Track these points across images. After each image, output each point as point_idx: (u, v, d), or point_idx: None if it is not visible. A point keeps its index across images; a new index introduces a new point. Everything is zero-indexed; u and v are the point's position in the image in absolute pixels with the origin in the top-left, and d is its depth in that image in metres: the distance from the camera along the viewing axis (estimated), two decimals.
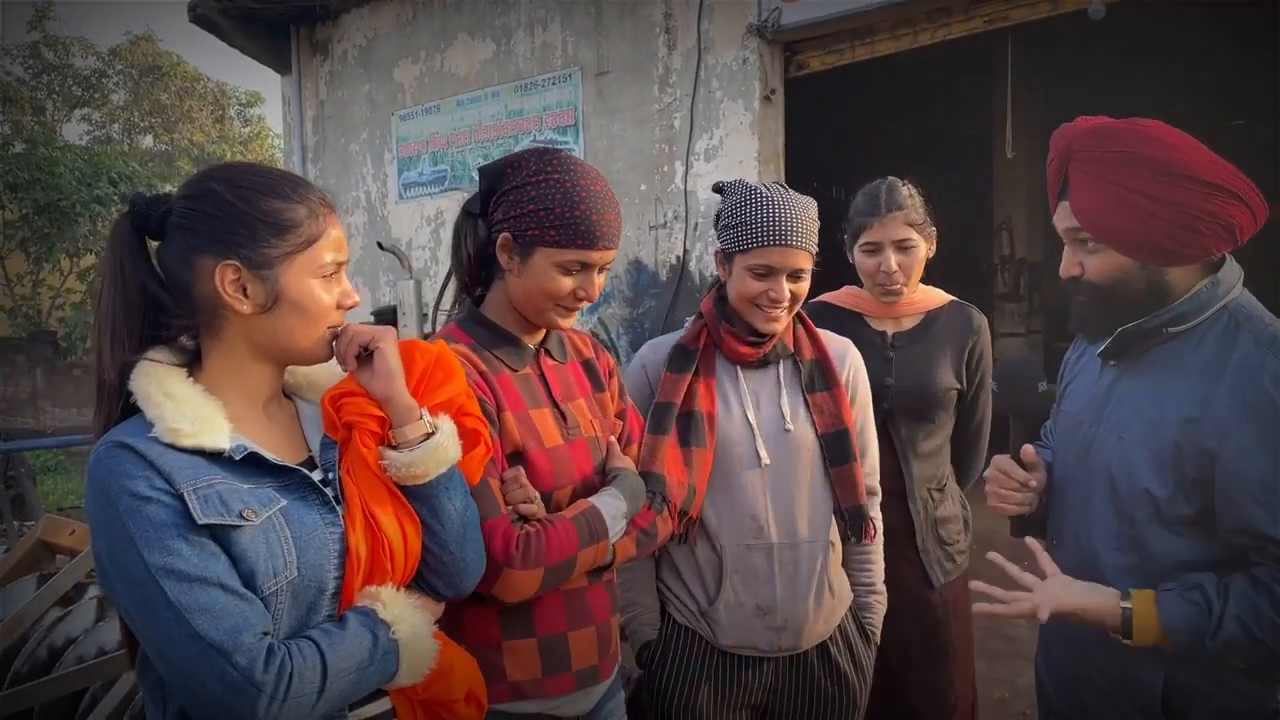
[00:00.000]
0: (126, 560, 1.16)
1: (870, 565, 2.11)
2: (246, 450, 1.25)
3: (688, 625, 1.98)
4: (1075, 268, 1.61)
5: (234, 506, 1.21)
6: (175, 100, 24.91)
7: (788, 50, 5.93)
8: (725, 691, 1.96)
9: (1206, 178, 1.47)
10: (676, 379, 1.96)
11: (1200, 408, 1.48)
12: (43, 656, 2.72)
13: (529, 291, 1.65)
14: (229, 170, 1.33)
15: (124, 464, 1.18)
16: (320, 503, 1.31)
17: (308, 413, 1.43)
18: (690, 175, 6.14)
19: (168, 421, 1.21)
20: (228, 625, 1.15)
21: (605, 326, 6.59)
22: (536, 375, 1.72)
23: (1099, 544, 1.60)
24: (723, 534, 1.94)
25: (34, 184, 14.10)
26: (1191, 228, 1.48)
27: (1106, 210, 1.52)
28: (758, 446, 1.95)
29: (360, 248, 8.17)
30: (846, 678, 2.01)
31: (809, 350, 2.04)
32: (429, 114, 7.60)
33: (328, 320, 1.34)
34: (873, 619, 2.10)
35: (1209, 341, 1.52)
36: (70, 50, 23.24)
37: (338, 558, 1.29)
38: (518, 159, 1.67)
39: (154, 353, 1.28)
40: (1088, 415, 1.68)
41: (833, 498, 1.99)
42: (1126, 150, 1.50)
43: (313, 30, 8.40)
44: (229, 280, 1.26)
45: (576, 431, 1.70)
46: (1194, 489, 1.48)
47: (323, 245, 1.32)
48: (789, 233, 1.87)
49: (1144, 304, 1.56)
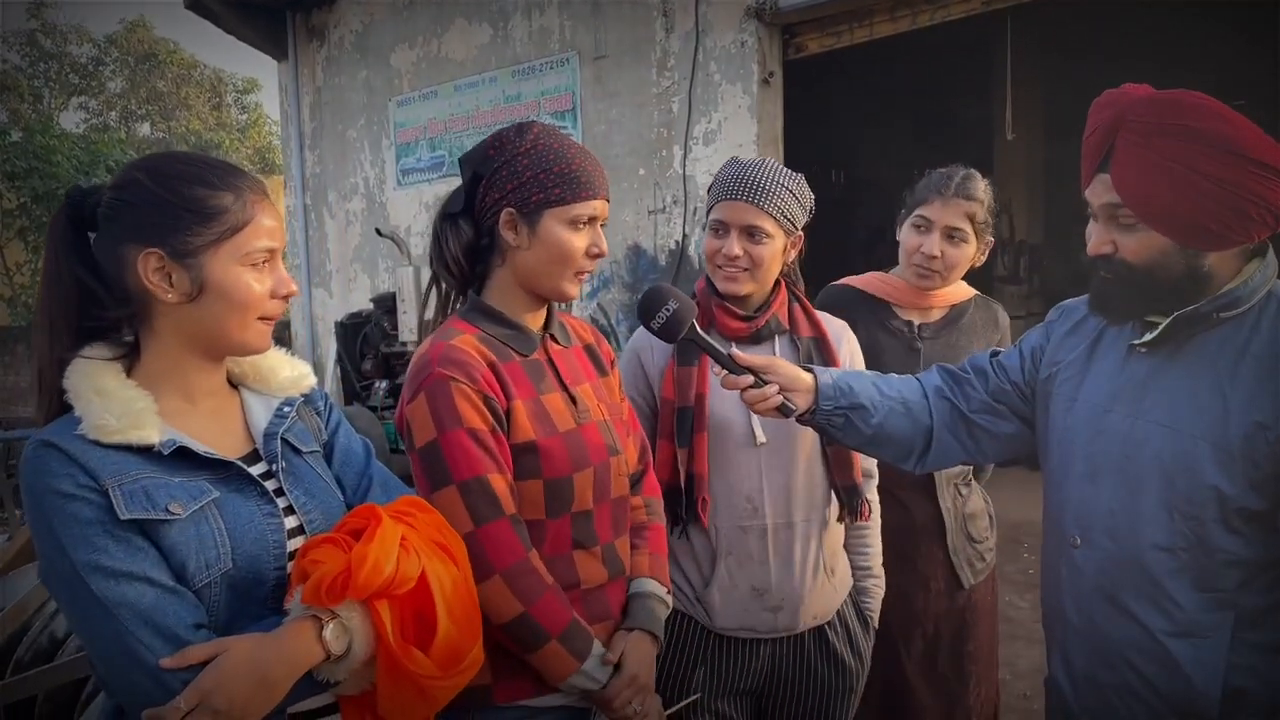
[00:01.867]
0: (55, 558, 1.16)
1: (867, 549, 2.10)
2: (176, 444, 1.24)
3: (682, 610, 1.97)
4: (1107, 245, 1.49)
5: (160, 501, 1.20)
6: (172, 88, 24.82)
7: (786, 33, 5.90)
8: (722, 677, 1.95)
9: (1263, 159, 1.37)
10: (688, 373, 1.94)
11: (1270, 395, 1.39)
12: (45, 644, 2.73)
13: (542, 260, 1.63)
14: (155, 159, 1.32)
15: (49, 462, 1.18)
16: (258, 494, 1.30)
17: (253, 403, 1.42)
18: (689, 159, 6.12)
19: (93, 418, 1.21)
20: (155, 619, 1.15)
21: (604, 311, 6.59)
22: (545, 360, 1.71)
23: (1145, 542, 1.48)
24: (718, 515, 1.92)
25: (32, 173, 14.09)
26: (1243, 211, 1.38)
27: (1156, 187, 1.40)
28: (753, 426, 1.94)
29: (359, 234, 8.16)
30: (843, 662, 2.00)
31: (806, 329, 2.03)
32: (426, 99, 7.57)
33: (259, 309, 1.32)
34: (871, 604, 2.10)
35: (1264, 325, 1.44)
36: (67, 38, 23.19)
37: (277, 549, 1.29)
38: (497, 138, 1.66)
39: (90, 349, 1.28)
40: (1118, 406, 1.55)
41: (829, 477, 1.99)
42: (1188, 124, 1.39)
43: (309, 16, 8.36)
44: (152, 269, 1.25)
45: (587, 415, 1.69)
46: (1266, 483, 1.39)
47: (250, 233, 1.29)
48: (740, 187, 1.90)
49: (1179, 289, 1.46)
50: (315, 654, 1.21)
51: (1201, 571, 1.44)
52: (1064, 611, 1.62)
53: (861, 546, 2.10)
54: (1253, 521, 1.41)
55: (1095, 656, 1.58)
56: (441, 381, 1.54)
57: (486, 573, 1.49)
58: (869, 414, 1.77)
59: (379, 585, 1.22)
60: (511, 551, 1.52)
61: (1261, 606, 1.43)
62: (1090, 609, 1.56)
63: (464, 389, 1.54)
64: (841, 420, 1.77)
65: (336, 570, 1.21)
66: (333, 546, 1.26)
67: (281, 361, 1.46)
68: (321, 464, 1.45)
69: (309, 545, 1.28)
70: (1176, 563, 1.45)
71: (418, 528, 1.32)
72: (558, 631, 1.54)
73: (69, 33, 23.19)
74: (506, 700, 1.59)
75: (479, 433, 1.54)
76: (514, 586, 1.51)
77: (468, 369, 1.56)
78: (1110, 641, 1.53)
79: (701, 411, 1.92)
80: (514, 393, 1.60)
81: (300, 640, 1.20)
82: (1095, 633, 1.55)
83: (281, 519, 1.31)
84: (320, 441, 1.48)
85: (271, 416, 1.41)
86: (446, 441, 1.52)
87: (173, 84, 24.82)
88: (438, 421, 1.53)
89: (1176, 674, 1.46)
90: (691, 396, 1.92)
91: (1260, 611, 1.43)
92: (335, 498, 1.42)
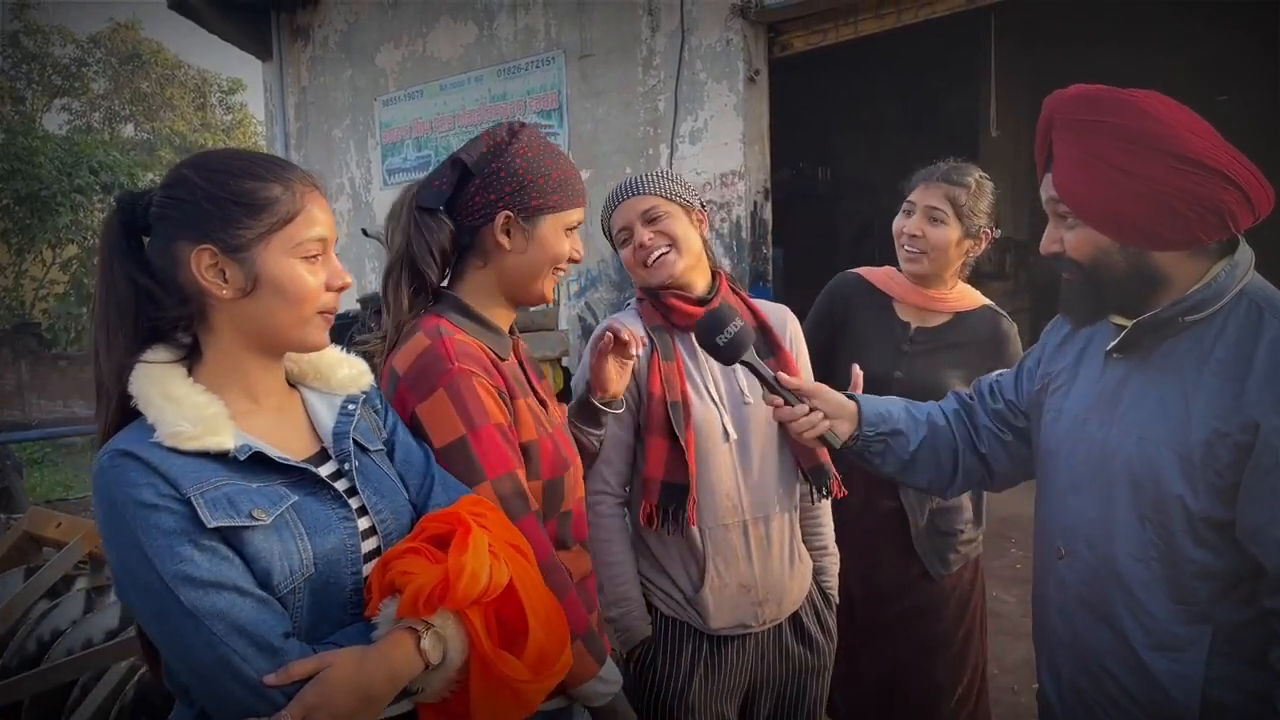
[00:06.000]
0: (139, 570, 1.14)
1: (821, 527, 2.13)
2: (252, 450, 1.22)
3: (674, 616, 1.96)
4: (1055, 244, 1.51)
5: (243, 507, 1.18)
6: (156, 88, 24.68)
7: (771, 31, 5.91)
8: (716, 678, 1.96)
9: (1185, 153, 1.34)
10: (671, 368, 1.94)
11: (1232, 401, 1.35)
12: (31, 649, 2.71)
13: (535, 264, 1.63)
14: (203, 156, 1.30)
15: (128, 472, 1.15)
16: (332, 497, 1.28)
17: (315, 402, 1.39)
18: (675, 158, 6.12)
19: (169, 425, 1.18)
20: (248, 629, 1.13)
21: (592, 311, 6.58)
22: (517, 363, 1.71)
23: (1120, 553, 1.47)
24: (702, 515, 1.92)
25: (14, 174, 14.01)
26: (1170, 208, 1.35)
27: (1082, 183, 1.42)
28: (725, 422, 1.94)
29: (345, 235, 8.13)
30: (816, 641, 2.04)
31: (749, 320, 2.02)
32: (412, 99, 7.55)
33: (315, 302, 1.29)
34: (829, 580, 2.12)
35: (1231, 329, 1.40)
36: (50, 39, 23.01)
37: (354, 552, 1.27)
38: (491, 137, 1.64)
39: (151, 353, 1.25)
40: (1095, 415, 1.54)
41: (794, 462, 2.00)
42: (1101, 118, 1.40)
43: (293, 16, 8.33)
44: (205, 265, 1.23)
45: (553, 418, 1.71)
46: (1228, 492, 1.36)
47: (301, 223, 1.27)
48: (620, 193, 1.97)
49: (1129, 288, 1.45)
50: (415, 666, 1.20)
51: (1173, 583, 1.42)
52: (1051, 622, 1.62)
53: (816, 526, 2.12)
54: (1221, 532, 1.38)
55: (1079, 667, 1.57)
56: (464, 376, 1.50)
57: None
58: (906, 440, 1.76)
59: (475, 595, 1.22)
60: (541, 547, 1.50)
61: (1241, 621, 1.39)
62: (1074, 619, 1.56)
63: (486, 384, 1.52)
64: (881, 447, 1.76)
65: (434, 582, 1.20)
66: (418, 556, 1.25)
67: (339, 359, 1.43)
68: (386, 462, 1.42)
69: (392, 555, 1.26)
70: (1150, 573, 1.44)
71: (491, 529, 1.31)
72: (582, 631, 1.53)
73: (52, 33, 23.03)
74: None
75: (505, 428, 1.53)
76: (546, 582, 1.48)
77: (484, 364, 1.55)
78: (1093, 652, 1.53)
79: (688, 407, 1.92)
80: (515, 391, 1.60)
81: (399, 652, 1.19)
82: (1079, 643, 1.55)
83: (355, 521, 1.29)
84: (381, 440, 1.45)
85: (337, 415, 1.38)
86: (477, 438, 1.49)
87: (157, 84, 24.68)
88: (465, 418, 1.49)
89: (1155, 686, 1.44)
90: (678, 392, 1.92)
91: (1240, 626, 1.39)
92: (402, 497, 1.39)
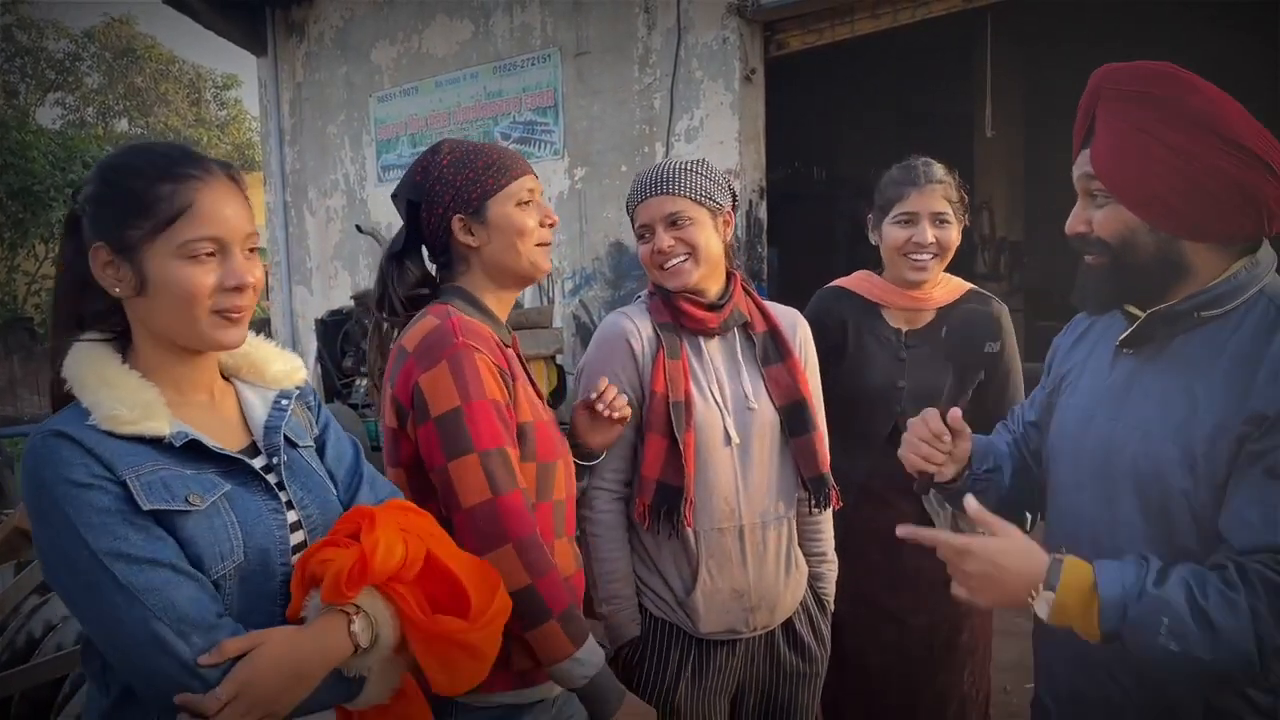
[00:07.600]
0: (70, 548, 1.14)
1: (821, 535, 2.12)
2: (188, 437, 1.23)
3: (663, 617, 1.96)
4: (1082, 224, 1.46)
5: (179, 492, 1.20)
6: (150, 83, 24.62)
7: (767, 30, 5.90)
8: (704, 681, 1.95)
9: (1235, 137, 1.30)
10: (677, 366, 1.94)
11: (1239, 398, 1.31)
12: (21, 644, 2.70)
13: (505, 246, 1.71)
14: (118, 153, 1.32)
15: (60, 451, 1.16)
16: (263, 489, 1.30)
17: (249, 395, 1.40)
18: (671, 156, 6.11)
19: (106, 409, 1.19)
20: (182, 606, 1.14)
21: (587, 308, 6.58)
22: (515, 353, 1.76)
23: (1123, 550, 1.40)
24: (697, 518, 1.91)
25: (7, 169, 13.91)
26: (1210, 191, 1.32)
27: (1122, 155, 1.37)
28: (727, 425, 1.94)
29: (339, 231, 8.11)
30: (809, 649, 2.03)
31: (760, 324, 2.03)
32: (407, 96, 7.53)
33: (203, 303, 1.25)
34: (826, 588, 2.12)
35: (1246, 328, 1.36)
36: (44, 33, 22.93)
37: (283, 544, 1.29)
38: (419, 165, 1.74)
39: (86, 335, 1.28)
40: (1101, 410, 1.50)
41: (795, 470, 1.99)
42: (1153, 91, 1.36)
43: (288, 11, 8.30)
44: (102, 263, 1.24)
45: (547, 408, 1.76)
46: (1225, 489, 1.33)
47: (185, 223, 1.23)
48: (648, 186, 1.96)
49: (1153, 275, 1.41)
50: (346, 647, 1.23)
51: None
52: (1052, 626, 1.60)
53: (815, 534, 2.11)
54: None
55: (1078, 668, 1.54)
56: (466, 351, 1.58)
57: (499, 540, 1.52)
58: (1002, 475, 1.73)
59: (394, 567, 1.25)
60: (524, 523, 1.55)
61: None
62: None
63: (487, 360, 1.59)
64: (984, 485, 1.70)
65: (351, 561, 1.23)
66: (336, 548, 1.27)
67: (273, 354, 1.45)
68: (316, 459, 1.44)
69: (311, 551, 1.29)
70: None
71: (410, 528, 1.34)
72: (559, 610, 1.56)
73: (45, 27, 22.95)
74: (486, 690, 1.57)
75: (500, 405, 1.59)
76: (524, 558, 1.53)
77: (488, 342, 1.62)
78: (1092, 652, 1.48)
79: (690, 408, 1.91)
80: (517, 374, 1.67)
81: (331, 633, 1.23)
82: (1078, 643, 1.50)
83: (285, 514, 1.31)
84: (312, 436, 1.47)
85: (270, 409, 1.40)
86: (471, 410, 1.55)
87: (151, 80, 24.62)
88: (462, 390, 1.56)
89: (1156, 688, 1.41)
90: (682, 392, 1.91)
91: None
92: (331, 493, 1.42)
